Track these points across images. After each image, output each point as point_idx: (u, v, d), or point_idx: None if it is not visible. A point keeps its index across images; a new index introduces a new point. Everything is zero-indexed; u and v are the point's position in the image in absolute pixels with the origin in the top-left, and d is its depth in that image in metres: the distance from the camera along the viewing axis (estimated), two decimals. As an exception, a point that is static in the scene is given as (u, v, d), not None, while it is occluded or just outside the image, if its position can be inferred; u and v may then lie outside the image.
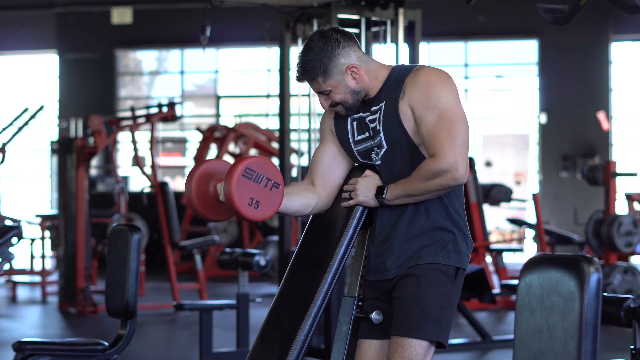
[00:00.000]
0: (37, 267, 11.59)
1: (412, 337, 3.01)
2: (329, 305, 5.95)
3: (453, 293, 3.08)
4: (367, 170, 3.18)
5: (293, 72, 6.45)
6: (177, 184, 16.46)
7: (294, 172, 7.75)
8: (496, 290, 7.56)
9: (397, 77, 3.11)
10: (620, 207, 9.97)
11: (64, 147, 9.45)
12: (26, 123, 10.76)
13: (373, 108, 3.14)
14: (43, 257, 10.79)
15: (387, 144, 3.10)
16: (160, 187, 9.70)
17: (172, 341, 7.88)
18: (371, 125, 3.14)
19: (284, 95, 6.44)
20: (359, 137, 3.18)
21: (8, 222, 10.00)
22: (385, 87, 3.13)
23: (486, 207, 10.62)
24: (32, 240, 11.35)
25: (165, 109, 9.93)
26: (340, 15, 6.06)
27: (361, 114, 3.18)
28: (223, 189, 3.09)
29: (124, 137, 14.32)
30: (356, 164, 3.27)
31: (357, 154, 3.20)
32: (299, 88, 6.42)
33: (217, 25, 7.00)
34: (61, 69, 16.84)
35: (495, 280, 10.14)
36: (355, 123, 3.19)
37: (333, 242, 3.17)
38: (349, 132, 3.21)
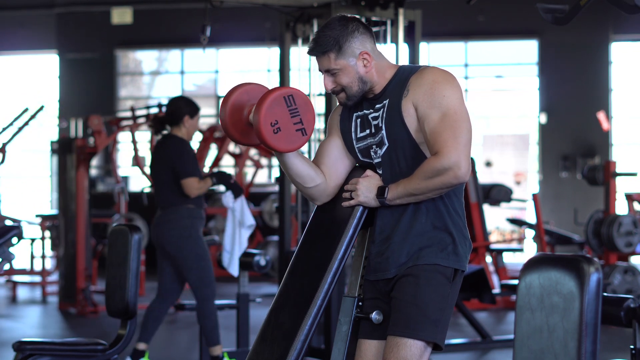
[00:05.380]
0: (37, 267, 11.59)
1: (408, 337, 3.01)
2: (329, 305, 5.95)
3: (451, 294, 3.08)
4: (367, 170, 3.18)
5: (296, 72, 6.45)
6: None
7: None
8: (496, 290, 7.56)
9: (402, 76, 3.13)
10: (620, 207, 9.97)
11: (64, 147, 9.44)
12: (26, 123, 10.76)
13: (377, 105, 3.15)
14: (43, 257, 10.79)
15: (388, 141, 3.11)
16: (160, 187, 9.69)
17: (172, 341, 7.88)
18: (373, 123, 3.15)
19: (284, 95, 6.42)
20: (361, 134, 3.19)
21: (8, 222, 10.00)
22: (390, 86, 3.14)
23: (486, 207, 10.62)
24: (32, 240, 11.35)
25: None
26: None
27: (365, 111, 3.19)
28: (258, 100, 3.07)
29: (124, 137, 14.31)
30: (357, 164, 3.28)
31: (358, 150, 3.21)
32: (299, 88, 6.42)
33: (217, 25, 6.99)
34: (61, 69, 16.84)
35: (495, 280, 10.14)
36: (359, 120, 3.21)
37: (333, 242, 3.17)
38: (352, 129, 3.22)
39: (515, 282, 6.47)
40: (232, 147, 12.70)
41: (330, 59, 3.12)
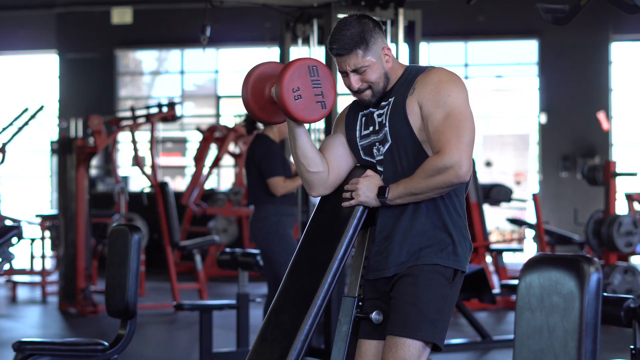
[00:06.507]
0: (37, 267, 11.59)
1: (406, 337, 3.01)
2: (329, 305, 5.95)
3: (450, 295, 3.08)
4: (368, 170, 3.18)
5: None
6: (177, 184, 16.46)
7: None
8: (496, 290, 7.55)
9: (410, 76, 3.14)
10: (620, 207, 9.97)
11: (64, 147, 9.44)
12: (26, 123, 10.76)
13: (382, 103, 3.16)
14: (43, 257, 10.79)
15: (391, 139, 3.11)
16: (160, 187, 9.70)
17: (172, 341, 7.88)
18: (378, 120, 3.16)
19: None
20: (365, 132, 3.21)
21: (8, 222, 10.00)
22: (397, 84, 3.15)
23: (486, 207, 10.62)
24: (32, 240, 11.35)
25: (165, 109, 9.93)
26: (341, 15, 6.05)
27: (371, 109, 3.20)
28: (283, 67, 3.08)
29: (124, 137, 14.32)
30: (357, 164, 3.28)
31: (361, 148, 3.21)
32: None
33: (217, 25, 7.00)
34: (61, 69, 16.83)
35: (495, 280, 10.14)
36: (364, 119, 3.22)
37: (333, 242, 3.17)
38: (357, 127, 3.23)
39: (515, 282, 6.47)
40: (232, 147, 12.70)
41: (359, 56, 3.10)
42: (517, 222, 11.46)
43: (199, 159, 11.98)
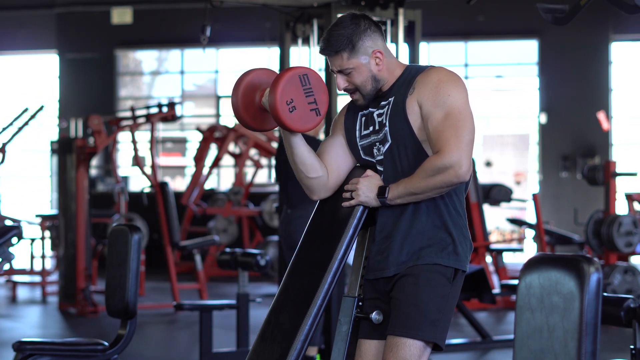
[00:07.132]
0: (37, 267, 11.59)
1: (407, 337, 3.01)
2: (329, 305, 5.95)
3: (451, 295, 3.08)
4: (368, 170, 3.18)
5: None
6: (177, 184, 16.46)
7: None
8: (496, 290, 7.55)
9: (410, 75, 3.14)
10: (620, 207, 9.97)
11: (64, 147, 9.44)
12: (26, 123, 10.76)
13: (382, 103, 3.16)
14: (43, 257, 10.79)
15: (391, 138, 3.11)
16: (160, 187, 9.70)
17: (172, 341, 7.88)
18: (378, 120, 3.16)
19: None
20: (365, 132, 3.20)
21: (8, 222, 10.00)
22: (397, 84, 3.15)
23: (486, 207, 10.62)
24: (32, 240, 11.35)
25: (165, 109, 9.93)
26: (340, 15, 6.05)
27: (370, 109, 3.19)
28: (274, 78, 3.08)
29: (124, 137, 14.31)
30: (357, 164, 3.28)
31: (361, 148, 3.21)
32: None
33: (217, 25, 7.00)
34: (61, 69, 16.83)
35: (495, 280, 10.14)
36: (363, 119, 3.21)
37: (333, 242, 3.17)
38: (357, 127, 3.22)
39: (515, 282, 6.47)
40: (232, 147, 12.70)
41: (343, 59, 3.10)
42: (517, 222, 11.46)
43: (199, 159, 11.98)
